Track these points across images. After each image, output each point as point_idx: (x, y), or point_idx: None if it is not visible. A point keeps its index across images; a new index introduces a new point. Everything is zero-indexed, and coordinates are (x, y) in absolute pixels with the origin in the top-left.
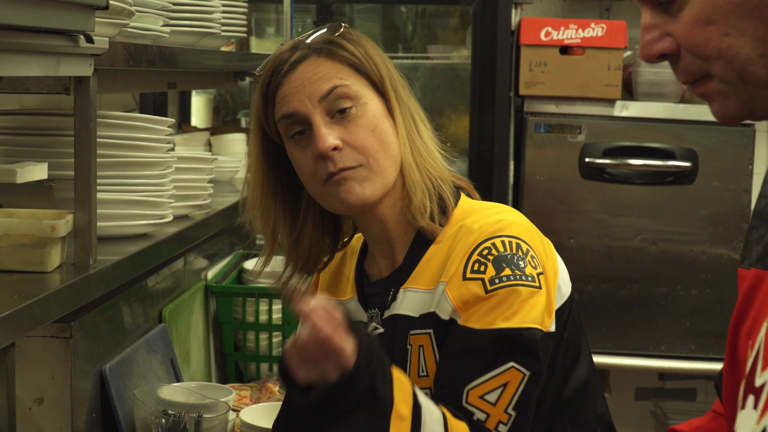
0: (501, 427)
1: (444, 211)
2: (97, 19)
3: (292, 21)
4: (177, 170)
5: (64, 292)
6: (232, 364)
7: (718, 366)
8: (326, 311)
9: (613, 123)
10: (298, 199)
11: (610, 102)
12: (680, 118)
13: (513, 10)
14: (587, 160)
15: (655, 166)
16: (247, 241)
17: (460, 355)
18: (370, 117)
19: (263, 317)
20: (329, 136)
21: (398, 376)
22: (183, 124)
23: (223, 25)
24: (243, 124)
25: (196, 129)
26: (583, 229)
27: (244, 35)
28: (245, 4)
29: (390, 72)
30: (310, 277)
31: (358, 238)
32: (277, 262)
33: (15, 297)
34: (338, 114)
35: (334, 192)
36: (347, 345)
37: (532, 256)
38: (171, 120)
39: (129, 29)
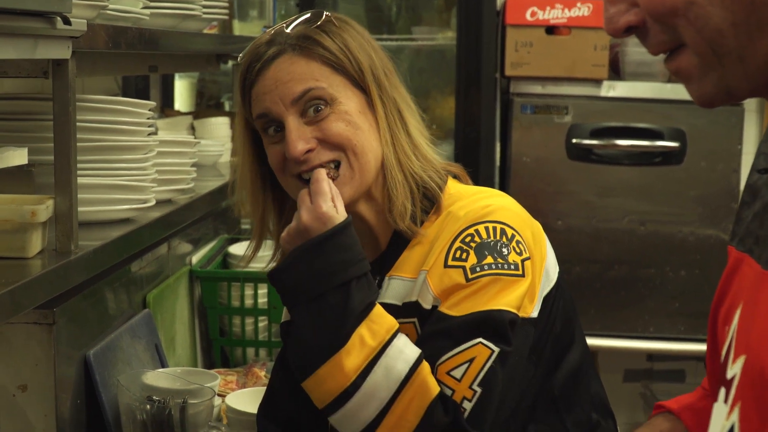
0: (465, 404)
1: (432, 203)
2: (74, 1)
3: (275, 4)
4: (159, 154)
5: (46, 278)
6: (218, 349)
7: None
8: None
9: (600, 103)
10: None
11: (597, 82)
12: (668, 98)
13: None
14: (574, 141)
15: (643, 147)
16: (231, 225)
17: (433, 335)
18: (343, 113)
19: (249, 302)
20: (300, 141)
21: (381, 311)
22: (166, 108)
23: (205, 7)
24: (227, 108)
25: (179, 113)
26: (570, 210)
27: (226, 17)
28: None
29: (373, 63)
30: None
31: None
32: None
33: None
34: (312, 113)
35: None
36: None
37: (517, 242)
38: (152, 103)
39: (108, 11)
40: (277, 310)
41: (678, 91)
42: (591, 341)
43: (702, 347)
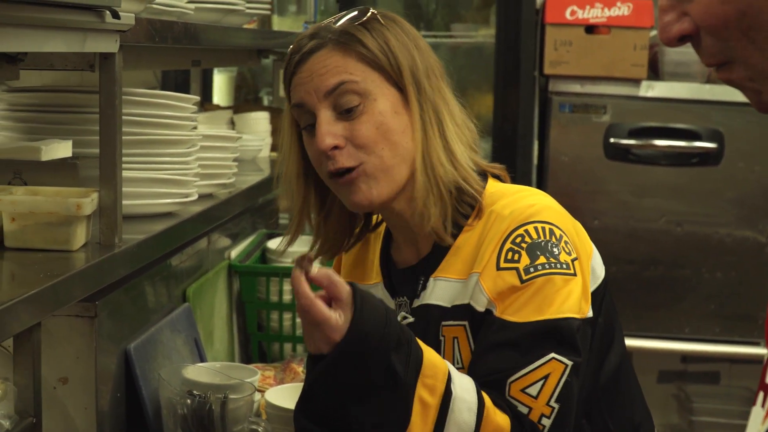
0: (544, 420)
1: (471, 207)
2: None
3: None
4: (202, 149)
5: (90, 271)
6: (256, 344)
7: (742, 349)
8: (325, 278)
9: (638, 103)
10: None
11: (636, 82)
12: (706, 99)
13: None
14: (612, 140)
15: (681, 147)
16: (270, 220)
17: (499, 347)
18: (376, 114)
19: (287, 297)
20: (328, 136)
21: (429, 358)
22: (205, 102)
23: (247, 2)
24: (265, 103)
25: (218, 107)
26: (607, 210)
27: (268, 12)
28: None
29: (414, 64)
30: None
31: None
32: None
33: (41, 276)
34: (345, 111)
35: (341, 191)
36: (331, 317)
37: (565, 242)
38: (196, 98)
39: (154, 5)
40: None
41: (716, 92)
42: (626, 341)
43: (737, 349)
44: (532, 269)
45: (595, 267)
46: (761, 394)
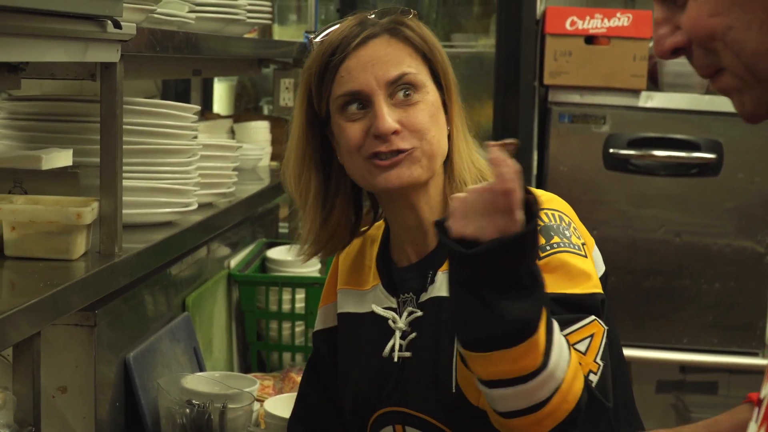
0: (591, 376)
1: None
2: (124, 4)
3: (317, 8)
4: (202, 158)
5: (90, 281)
6: (255, 354)
7: (740, 360)
8: (516, 170)
9: (637, 114)
10: (329, 176)
11: (635, 92)
12: (705, 109)
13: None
14: (611, 150)
15: (680, 158)
16: (269, 229)
17: None
18: (430, 105)
19: (286, 306)
20: (390, 118)
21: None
22: (205, 111)
23: (248, 11)
24: (265, 112)
25: (218, 116)
26: (606, 220)
27: (269, 22)
28: None
29: (450, 68)
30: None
31: (377, 227)
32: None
33: (41, 285)
34: (401, 97)
35: (376, 171)
36: (519, 210)
37: (574, 228)
38: (196, 107)
39: (155, 15)
40: (314, 314)
41: (715, 103)
42: (624, 351)
43: (736, 360)
44: (548, 247)
45: (596, 259)
46: (756, 410)
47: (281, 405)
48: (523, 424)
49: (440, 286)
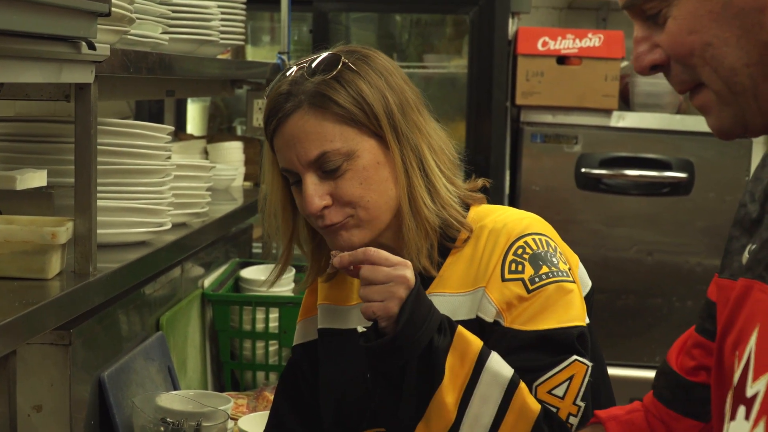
0: (572, 419)
1: (453, 239)
2: (98, 26)
3: (290, 29)
4: (175, 178)
5: (65, 300)
6: (229, 373)
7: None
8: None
9: (609, 133)
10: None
11: (607, 112)
12: (677, 129)
13: (510, 20)
14: (583, 170)
15: (652, 177)
16: (243, 249)
17: (520, 351)
18: (360, 170)
19: (260, 326)
20: (315, 198)
21: (462, 333)
22: (179, 131)
23: (222, 32)
24: (239, 132)
25: (192, 137)
26: (579, 239)
27: (242, 43)
28: (243, 12)
29: (387, 105)
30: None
31: None
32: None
33: (16, 304)
34: (329, 171)
35: (327, 235)
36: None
37: (560, 253)
38: (170, 128)
39: (128, 36)
40: (288, 334)
41: (686, 123)
42: None
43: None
44: (537, 279)
45: (582, 276)
46: (742, 409)
47: (255, 423)
48: None
49: None
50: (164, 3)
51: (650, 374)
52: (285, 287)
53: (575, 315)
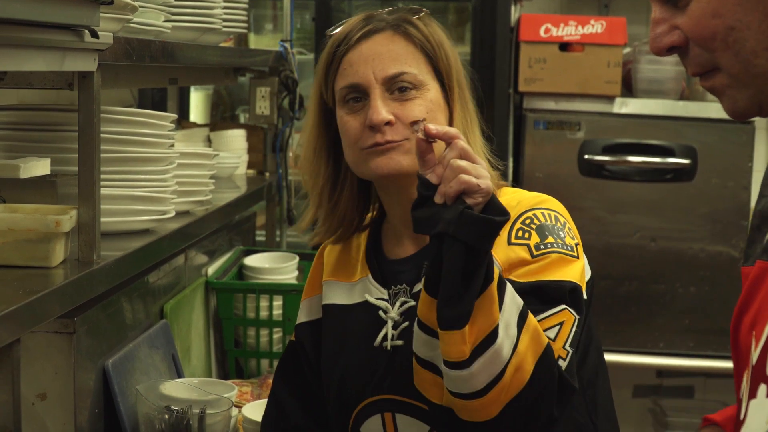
0: (561, 362)
1: None
2: (101, 14)
3: (292, 17)
4: (179, 166)
5: (69, 288)
6: (233, 360)
7: (716, 363)
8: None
9: (612, 120)
10: (339, 166)
11: (610, 99)
12: (680, 115)
13: (512, 7)
14: (586, 157)
15: (655, 164)
16: (246, 237)
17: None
18: (427, 101)
19: (263, 313)
20: (383, 110)
21: None
22: (182, 119)
23: (224, 20)
24: (242, 120)
25: (195, 125)
26: (582, 226)
27: (245, 31)
28: (246, 0)
29: (458, 66)
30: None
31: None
32: (272, 259)
33: (20, 292)
34: (398, 91)
35: (371, 159)
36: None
37: (569, 228)
38: (173, 116)
39: (131, 24)
40: (292, 321)
41: (689, 109)
42: None
43: (711, 363)
44: (542, 246)
45: (585, 262)
46: (763, 387)
47: (259, 410)
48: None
49: None
50: None
51: (653, 360)
52: (288, 275)
53: (572, 275)
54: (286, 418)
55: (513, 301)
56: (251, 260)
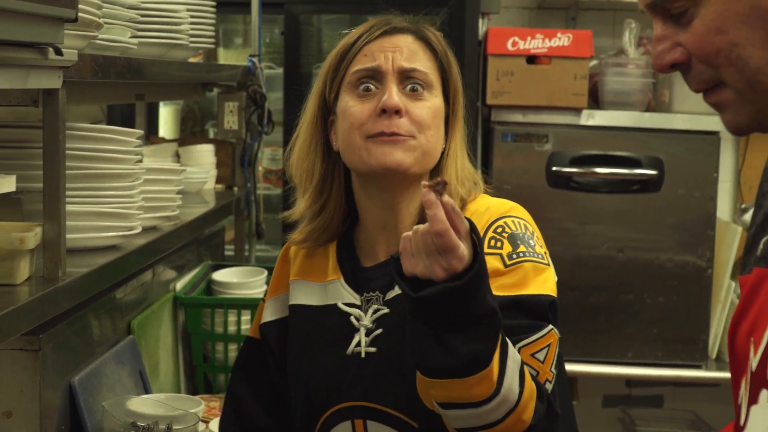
0: (548, 385)
1: None
2: (66, 31)
3: (260, 32)
4: (145, 182)
5: (33, 305)
6: (201, 375)
7: (685, 373)
8: (451, 208)
9: (579, 132)
10: (332, 167)
11: (577, 111)
12: (646, 127)
13: (480, 20)
14: (554, 168)
15: (622, 175)
16: (215, 252)
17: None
18: (433, 106)
19: (232, 328)
20: (396, 96)
21: None
22: (151, 135)
23: (191, 36)
24: (211, 135)
25: (163, 140)
26: (550, 237)
27: (212, 46)
28: (213, 16)
29: (461, 88)
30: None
31: None
32: (241, 273)
33: None
34: (409, 90)
35: (374, 149)
36: (460, 246)
37: (537, 237)
38: (140, 132)
39: (97, 41)
40: None
41: (655, 120)
42: (570, 367)
43: (680, 373)
44: (514, 255)
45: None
46: (765, 392)
47: None
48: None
49: None
50: (133, 8)
51: (623, 370)
52: (257, 289)
53: (549, 288)
54: (247, 417)
55: (514, 358)
56: (219, 275)
